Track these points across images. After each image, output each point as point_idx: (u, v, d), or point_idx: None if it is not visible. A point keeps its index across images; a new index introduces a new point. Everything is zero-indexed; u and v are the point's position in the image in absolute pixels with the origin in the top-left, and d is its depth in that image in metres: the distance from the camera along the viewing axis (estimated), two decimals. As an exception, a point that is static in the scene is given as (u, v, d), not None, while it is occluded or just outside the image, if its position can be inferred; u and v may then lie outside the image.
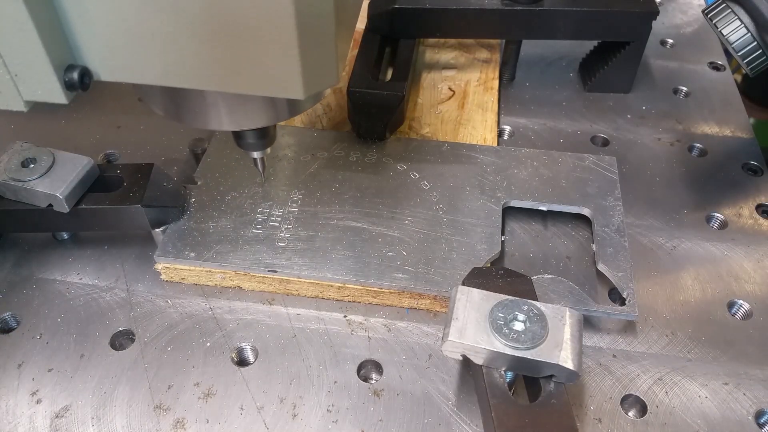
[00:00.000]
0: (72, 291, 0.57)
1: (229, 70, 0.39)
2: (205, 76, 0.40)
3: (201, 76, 0.40)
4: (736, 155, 0.70)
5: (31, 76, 0.39)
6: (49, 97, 0.40)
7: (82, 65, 0.40)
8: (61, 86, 0.39)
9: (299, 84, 0.39)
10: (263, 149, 0.55)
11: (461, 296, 0.46)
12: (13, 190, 0.54)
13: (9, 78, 0.39)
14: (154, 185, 0.56)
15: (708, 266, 0.59)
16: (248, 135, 0.53)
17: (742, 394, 0.51)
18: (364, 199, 0.61)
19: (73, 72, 0.39)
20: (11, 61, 0.38)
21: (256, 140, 0.53)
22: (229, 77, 0.39)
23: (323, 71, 0.40)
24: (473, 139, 0.69)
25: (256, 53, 0.38)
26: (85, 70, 0.40)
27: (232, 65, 0.39)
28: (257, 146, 0.54)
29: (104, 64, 0.40)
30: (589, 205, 0.61)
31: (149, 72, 0.40)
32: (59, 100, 0.40)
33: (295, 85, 0.39)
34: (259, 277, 0.56)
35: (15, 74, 0.39)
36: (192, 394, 0.50)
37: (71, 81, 0.39)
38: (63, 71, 0.39)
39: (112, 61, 0.40)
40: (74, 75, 0.39)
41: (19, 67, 0.38)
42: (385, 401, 0.50)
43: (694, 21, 0.91)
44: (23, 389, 0.50)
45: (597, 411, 0.49)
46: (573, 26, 0.71)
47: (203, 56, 0.38)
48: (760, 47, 0.59)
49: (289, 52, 0.37)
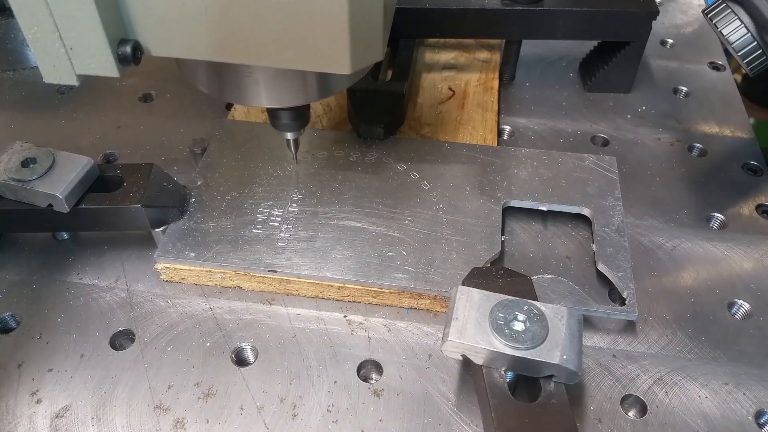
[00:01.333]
0: (72, 291, 0.57)
1: (279, 45, 0.40)
2: (254, 51, 0.40)
3: (251, 51, 0.40)
4: (736, 155, 0.70)
5: (86, 49, 0.39)
6: (101, 70, 0.41)
7: (134, 39, 0.41)
8: (114, 60, 0.40)
9: (347, 59, 0.40)
10: (297, 130, 0.57)
11: (461, 296, 0.46)
12: (13, 190, 0.54)
13: (63, 51, 0.40)
14: (154, 185, 0.56)
15: (708, 266, 0.59)
16: (283, 115, 0.54)
17: (742, 394, 0.51)
18: (364, 199, 0.61)
19: (126, 46, 0.40)
20: (67, 35, 0.39)
21: (291, 121, 0.55)
22: (278, 52, 0.40)
23: (369, 46, 0.40)
24: (473, 139, 0.69)
25: (307, 28, 0.38)
26: (137, 44, 0.41)
27: (282, 40, 0.39)
28: (292, 127, 0.56)
29: (156, 38, 0.41)
30: (589, 205, 0.61)
31: (200, 47, 0.41)
32: (112, 73, 0.41)
33: (342, 60, 0.40)
34: (259, 277, 0.56)
35: (70, 48, 0.39)
36: (192, 394, 0.50)
37: (124, 54, 0.40)
38: (116, 45, 0.40)
39: (164, 35, 0.41)
40: (127, 49, 0.40)
41: (74, 41, 0.39)
42: (385, 401, 0.50)
43: (694, 21, 0.91)
44: (23, 389, 0.50)
45: (597, 411, 0.49)
46: (573, 26, 0.71)
47: (255, 31, 0.39)
48: (760, 47, 0.59)
49: (340, 27, 0.38)
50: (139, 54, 0.41)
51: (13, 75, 0.81)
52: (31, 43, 0.40)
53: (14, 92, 0.78)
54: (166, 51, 0.42)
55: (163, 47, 0.42)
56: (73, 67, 0.41)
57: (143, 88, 0.78)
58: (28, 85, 0.79)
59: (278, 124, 0.56)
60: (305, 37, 0.39)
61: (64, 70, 0.41)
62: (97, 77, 0.41)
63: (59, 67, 0.41)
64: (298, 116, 0.55)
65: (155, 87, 0.78)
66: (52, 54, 0.40)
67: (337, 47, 0.39)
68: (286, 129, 0.57)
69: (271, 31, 0.39)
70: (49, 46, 0.40)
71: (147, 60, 0.42)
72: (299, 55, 0.40)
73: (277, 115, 0.55)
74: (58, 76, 0.42)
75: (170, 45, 0.41)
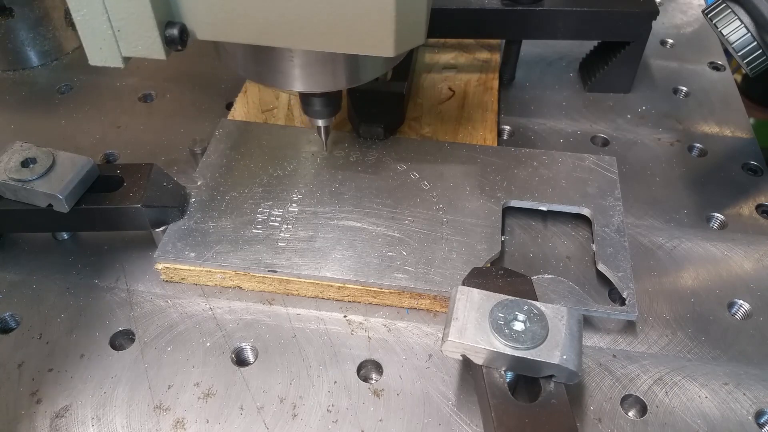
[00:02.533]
0: (72, 291, 0.57)
1: (325, 28, 0.40)
2: (300, 34, 0.41)
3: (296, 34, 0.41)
4: (736, 155, 0.70)
5: (134, 31, 0.40)
6: (148, 52, 0.41)
7: (181, 22, 0.41)
8: (161, 42, 0.40)
9: (391, 42, 0.40)
10: (329, 117, 0.57)
11: (461, 296, 0.46)
12: (13, 190, 0.54)
13: (111, 33, 0.40)
14: (154, 185, 0.56)
15: (708, 266, 0.59)
16: (316, 101, 0.55)
17: (742, 394, 0.51)
18: (364, 199, 0.61)
19: (173, 28, 0.40)
20: (115, 16, 0.39)
21: (323, 107, 0.56)
22: (323, 35, 0.40)
23: (413, 30, 0.41)
24: (473, 139, 0.69)
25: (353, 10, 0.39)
26: (184, 27, 0.41)
27: (328, 23, 0.40)
28: (323, 114, 0.57)
29: (202, 22, 0.41)
30: (589, 205, 0.61)
31: (246, 31, 0.41)
32: (159, 55, 0.41)
33: (387, 43, 0.40)
34: (259, 277, 0.56)
35: (118, 29, 0.40)
36: (192, 394, 0.50)
37: (172, 37, 0.40)
38: (164, 27, 0.40)
39: (211, 19, 0.41)
40: (174, 31, 0.40)
41: (122, 22, 0.39)
42: (385, 401, 0.50)
43: (694, 21, 0.91)
44: (23, 389, 0.50)
45: (597, 411, 0.49)
46: (573, 26, 0.71)
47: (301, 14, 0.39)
48: (760, 47, 0.59)
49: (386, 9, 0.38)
50: (185, 37, 0.41)
51: (13, 75, 0.81)
52: (79, 25, 0.40)
53: (14, 92, 0.78)
54: (212, 34, 0.42)
55: (209, 31, 0.42)
56: (119, 49, 0.41)
57: (143, 88, 0.78)
58: (28, 85, 0.79)
59: (310, 111, 0.57)
60: (351, 19, 0.40)
61: (110, 52, 0.41)
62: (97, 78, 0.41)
63: (105, 50, 0.41)
64: (330, 103, 0.56)
65: (155, 87, 0.78)
66: (99, 36, 0.41)
67: (382, 30, 0.40)
68: (318, 115, 0.57)
69: (318, 14, 0.40)
70: (96, 27, 0.40)
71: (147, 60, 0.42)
72: (344, 38, 0.41)
73: (310, 101, 0.56)
74: (104, 59, 0.42)
75: (216, 28, 0.42)
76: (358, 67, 0.50)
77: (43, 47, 0.81)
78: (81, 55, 0.83)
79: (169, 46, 0.41)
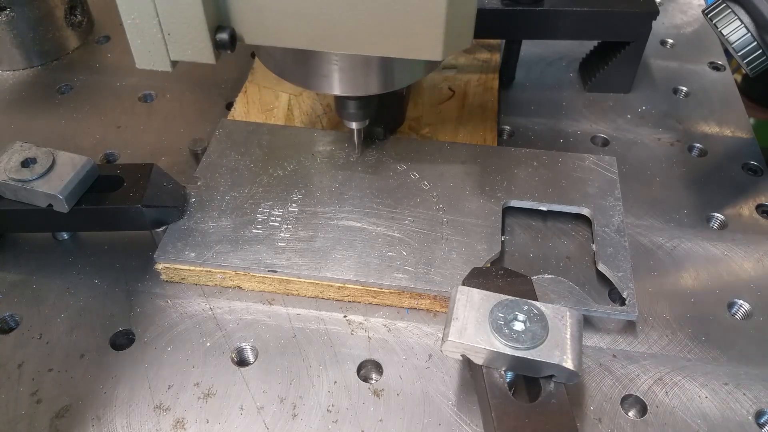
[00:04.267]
0: (72, 291, 0.57)
1: (374, 33, 0.40)
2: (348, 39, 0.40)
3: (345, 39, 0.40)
4: (736, 155, 0.70)
5: (184, 35, 0.40)
6: (198, 57, 0.41)
7: (231, 27, 0.41)
8: (211, 46, 0.40)
9: (440, 45, 0.40)
10: (363, 120, 0.57)
11: (461, 296, 0.46)
12: (13, 190, 0.54)
13: (161, 37, 0.40)
14: (154, 185, 0.56)
15: (708, 266, 0.59)
16: (351, 104, 0.55)
17: (742, 394, 0.51)
18: (364, 199, 0.61)
19: (223, 33, 0.40)
20: (167, 20, 0.39)
21: (358, 110, 0.55)
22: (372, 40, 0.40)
23: (461, 33, 0.41)
24: (473, 139, 0.69)
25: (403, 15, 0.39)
26: (233, 32, 0.41)
27: (377, 27, 0.40)
28: (358, 116, 0.56)
29: (252, 26, 0.41)
30: (589, 205, 0.61)
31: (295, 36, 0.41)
32: (208, 60, 0.41)
33: (435, 47, 0.40)
34: (259, 277, 0.56)
35: (168, 33, 0.40)
36: (192, 394, 0.50)
37: (222, 41, 0.40)
38: (214, 32, 0.40)
39: (261, 23, 0.41)
40: (225, 35, 0.40)
41: (173, 26, 0.39)
42: (385, 401, 0.50)
43: (694, 21, 0.91)
44: (23, 389, 0.50)
45: (597, 411, 0.49)
46: (573, 26, 0.71)
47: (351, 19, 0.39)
48: (760, 47, 0.59)
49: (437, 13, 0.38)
50: (234, 41, 0.41)
51: (13, 75, 0.81)
52: (128, 29, 0.40)
53: (14, 92, 0.78)
54: (261, 39, 0.42)
55: (258, 35, 0.42)
56: (168, 53, 0.41)
57: (143, 88, 0.78)
58: (28, 85, 0.79)
59: (345, 114, 0.56)
60: (401, 24, 0.40)
61: (158, 57, 0.41)
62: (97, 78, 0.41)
63: (154, 53, 0.41)
64: (366, 106, 0.56)
65: (155, 87, 0.78)
66: (148, 40, 0.41)
67: (432, 34, 0.40)
68: (352, 118, 0.57)
69: (368, 18, 0.39)
70: (146, 31, 0.40)
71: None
72: (393, 42, 0.41)
73: (345, 104, 0.55)
74: (152, 62, 0.42)
75: (266, 33, 0.41)
76: (401, 71, 0.50)
77: (43, 47, 0.81)
78: (81, 55, 0.83)
79: (219, 50, 0.41)
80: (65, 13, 0.82)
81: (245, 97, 0.74)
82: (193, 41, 0.40)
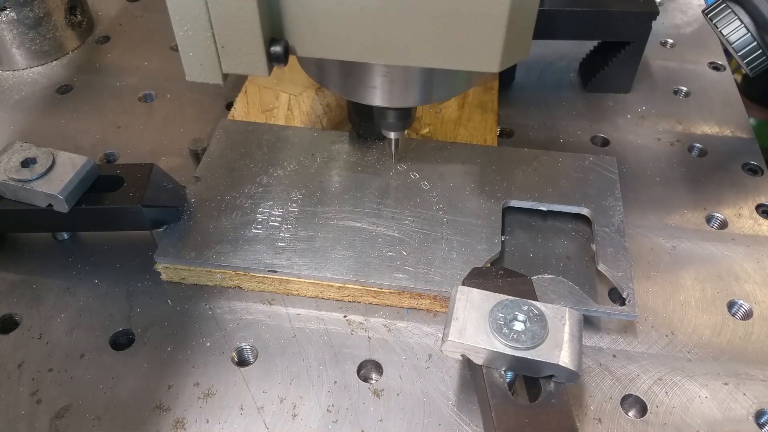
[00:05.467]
0: (72, 291, 0.57)
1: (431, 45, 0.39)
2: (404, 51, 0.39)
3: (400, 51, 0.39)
4: (736, 155, 0.70)
5: (239, 48, 0.39)
6: (251, 70, 0.40)
7: (285, 39, 0.40)
8: (265, 59, 0.39)
9: (498, 57, 0.39)
10: (402, 130, 0.56)
11: (461, 296, 0.46)
12: (13, 190, 0.54)
13: (214, 50, 0.39)
14: (154, 185, 0.56)
15: (708, 266, 0.59)
16: (391, 114, 0.53)
17: (742, 394, 0.51)
18: (364, 199, 0.61)
19: (277, 45, 0.39)
20: (221, 32, 0.38)
21: (397, 120, 0.54)
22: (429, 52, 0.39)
23: (519, 45, 0.40)
24: (473, 139, 0.69)
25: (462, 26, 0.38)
26: (287, 44, 0.40)
27: (435, 40, 0.38)
28: (397, 126, 0.55)
29: (305, 39, 0.40)
30: (589, 205, 0.61)
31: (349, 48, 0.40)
32: (262, 73, 0.40)
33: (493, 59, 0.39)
34: (259, 277, 0.56)
35: (221, 46, 0.39)
36: (192, 394, 0.50)
37: (276, 54, 0.39)
38: (269, 44, 0.39)
39: (315, 36, 0.40)
40: (279, 48, 0.39)
41: (228, 39, 0.38)
42: (385, 401, 0.50)
43: (694, 21, 0.91)
44: (23, 389, 0.50)
45: (597, 411, 0.49)
46: (573, 26, 0.71)
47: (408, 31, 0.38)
48: (760, 47, 0.59)
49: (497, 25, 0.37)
50: (288, 54, 0.40)
51: (13, 75, 0.81)
52: (180, 41, 0.39)
53: (14, 92, 0.78)
54: (315, 51, 0.41)
55: (312, 48, 0.41)
56: (220, 66, 0.40)
57: (143, 88, 0.78)
58: (28, 85, 0.79)
59: (384, 123, 0.55)
60: (459, 35, 0.38)
61: (210, 69, 0.40)
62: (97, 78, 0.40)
63: (206, 66, 0.40)
64: (407, 116, 0.54)
65: (155, 87, 0.78)
66: (200, 53, 0.40)
67: (491, 45, 0.39)
68: (391, 128, 0.56)
69: (425, 31, 0.38)
70: (199, 44, 0.39)
71: (147, 60, 0.41)
72: (450, 54, 0.39)
73: (385, 114, 0.54)
74: (202, 75, 0.41)
75: (319, 46, 0.40)
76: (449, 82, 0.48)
77: (43, 47, 0.81)
78: (81, 55, 0.83)
79: (272, 63, 0.40)
80: (65, 13, 0.82)
81: (245, 97, 0.74)
82: (248, 54, 0.39)
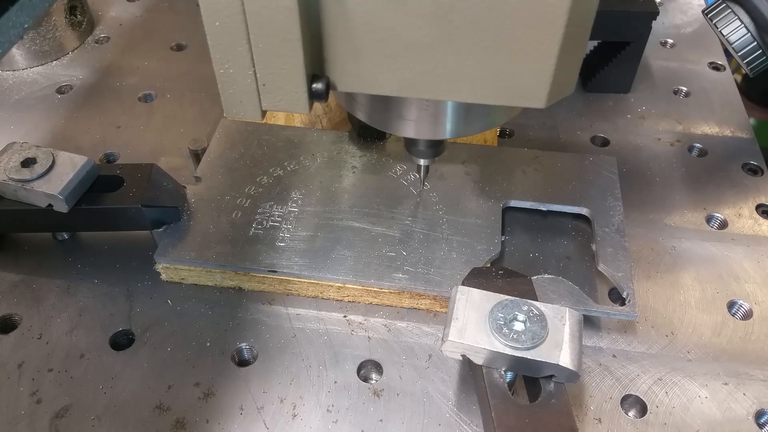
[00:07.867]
0: (72, 291, 0.57)
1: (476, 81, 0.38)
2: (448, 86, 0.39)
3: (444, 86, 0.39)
4: (736, 155, 0.70)
5: (281, 86, 0.38)
6: (291, 107, 0.39)
7: (326, 76, 0.39)
8: (307, 96, 0.38)
9: (545, 93, 0.38)
10: (433, 157, 0.55)
11: (461, 296, 0.46)
12: (13, 190, 0.54)
13: (254, 88, 0.38)
14: (154, 185, 0.56)
15: (708, 266, 0.59)
16: (421, 143, 0.52)
17: (742, 394, 0.51)
18: (364, 199, 0.61)
19: (319, 82, 0.38)
20: (263, 71, 0.38)
21: (428, 148, 0.53)
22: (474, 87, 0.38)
23: (565, 81, 0.39)
24: (473, 139, 0.69)
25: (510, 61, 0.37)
26: (328, 81, 0.39)
27: (481, 75, 0.38)
28: (427, 154, 0.54)
29: (347, 75, 0.39)
30: (589, 205, 0.61)
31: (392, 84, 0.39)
32: (302, 110, 0.39)
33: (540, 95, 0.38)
34: (259, 277, 0.56)
35: (263, 84, 0.38)
36: (192, 394, 0.50)
37: (318, 91, 0.38)
38: (310, 81, 0.38)
39: (356, 72, 0.39)
40: (320, 85, 0.38)
41: (269, 77, 0.38)
42: (385, 401, 0.50)
43: (694, 21, 0.91)
44: (23, 389, 0.50)
45: (597, 411, 0.49)
46: (573, 26, 0.71)
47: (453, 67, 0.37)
48: (760, 47, 0.59)
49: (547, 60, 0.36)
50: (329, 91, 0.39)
51: (13, 75, 0.81)
52: (220, 78, 0.39)
53: (14, 92, 0.78)
54: (356, 87, 0.40)
55: (354, 83, 0.40)
56: (260, 103, 0.39)
57: (143, 88, 0.78)
58: (28, 85, 0.79)
59: (414, 150, 0.54)
60: (507, 71, 0.37)
61: (250, 106, 0.40)
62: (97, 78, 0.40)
63: (246, 103, 0.39)
64: (437, 143, 0.53)
65: (155, 87, 0.78)
66: (240, 90, 0.39)
67: (538, 81, 0.38)
68: (421, 156, 0.54)
69: (472, 66, 0.37)
70: (240, 82, 0.38)
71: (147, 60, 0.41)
72: (495, 89, 0.38)
73: (416, 142, 0.53)
74: (242, 112, 0.40)
75: (361, 81, 0.39)
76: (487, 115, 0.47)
77: (43, 47, 0.81)
78: (81, 55, 0.83)
79: (315, 99, 0.39)
80: (65, 13, 0.82)
81: (245, 97, 0.74)
82: (289, 92, 0.38)
